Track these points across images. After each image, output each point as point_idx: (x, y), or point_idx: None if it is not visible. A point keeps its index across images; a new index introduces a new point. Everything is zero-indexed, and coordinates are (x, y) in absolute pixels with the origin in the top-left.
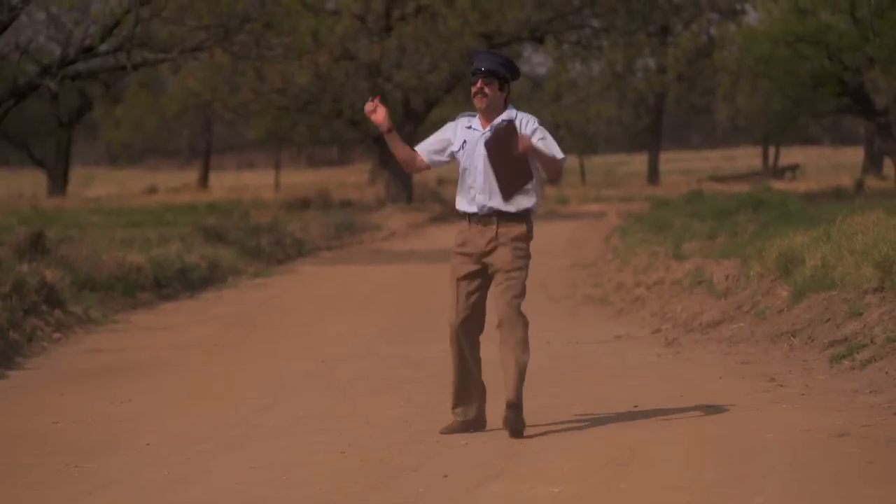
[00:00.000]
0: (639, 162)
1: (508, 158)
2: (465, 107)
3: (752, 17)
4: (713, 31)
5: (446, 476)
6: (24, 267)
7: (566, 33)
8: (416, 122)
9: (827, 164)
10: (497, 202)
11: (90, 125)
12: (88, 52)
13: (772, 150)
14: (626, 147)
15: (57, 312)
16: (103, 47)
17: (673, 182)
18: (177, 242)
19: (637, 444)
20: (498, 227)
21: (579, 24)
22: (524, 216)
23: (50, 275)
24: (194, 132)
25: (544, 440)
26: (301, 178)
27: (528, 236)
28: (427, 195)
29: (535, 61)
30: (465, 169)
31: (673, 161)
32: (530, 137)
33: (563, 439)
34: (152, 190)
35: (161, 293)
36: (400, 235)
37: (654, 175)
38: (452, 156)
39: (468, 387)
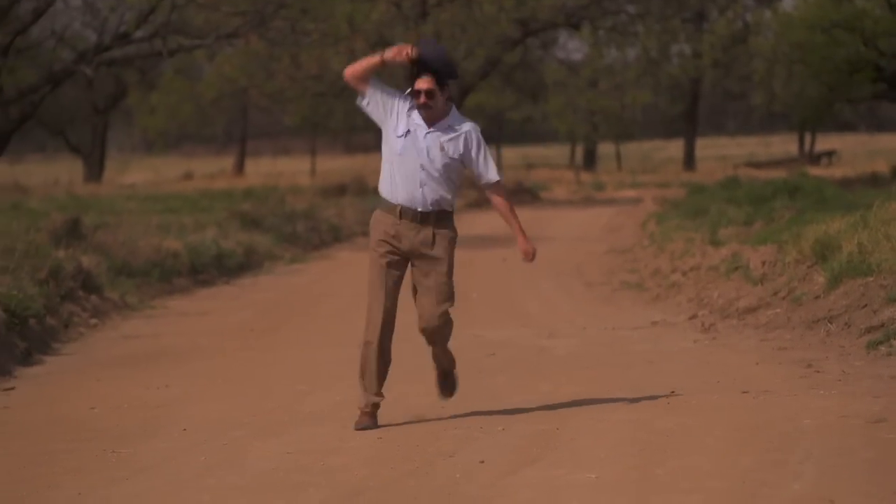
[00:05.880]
0: (675, 148)
1: None
2: (503, 94)
3: (787, 3)
4: (749, 16)
5: (483, 462)
6: (61, 253)
7: (602, 19)
8: None
9: (863, 150)
10: (437, 199)
11: (126, 112)
12: (124, 38)
13: (808, 137)
14: (662, 133)
15: (93, 298)
16: (139, 34)
17: (709, 168)
18: (213, 228)
19: (673, 430)
20: (435, 230)
21: (615, 10)
22: (452, 218)
23: (86, 261)
24: (230, 118)
25: (581, 426)
26: (337, 164)
27: (456, 239)
28: (462, 182)
29: (571, 47)
30: (402, 157)
31: (709, 147)
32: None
33: (600, 425)
34: (188, 176)
35: (197, 279)
36: None
37: (690, 161)
38: (383, 121)
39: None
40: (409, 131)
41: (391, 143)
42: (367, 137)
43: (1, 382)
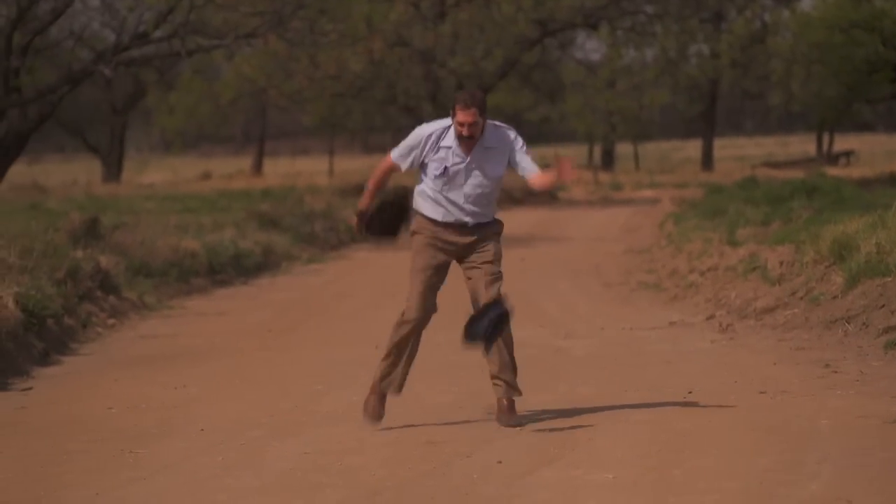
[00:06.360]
0: (693, 148)
1: None
2: (520, 94)
3: (806, 3)
4: (767, 16)
5: (500, 462)
6: (79, 253)
7: (620, 19)
8: None
9: (881, 150)
10: (480, 217)
11: (144, 112)
12: (142, 38)
13: (826, 137)
14: (680, 133)
15: (111, 298)
16: (157, 34)
17: (727, 168)
18: (231, 228)
19: (691, 431)
20: (478, 233)
21: (633, 11)
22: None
23: (104, 261)
24: (248, 118)
25: (598, 426)
26: (355, 164)
27: (501, 229)
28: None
29: (589, 47)
30: (445, 190)
31: (727, 147)
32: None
33: (617, 426)
34: (206, 176)
35: (215, 279)
36: None
37: (707, 161)
38: (419, 166)
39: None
40: (445, 168)
41: (431, 180)
42: (385, 137)
43: (19, 382)
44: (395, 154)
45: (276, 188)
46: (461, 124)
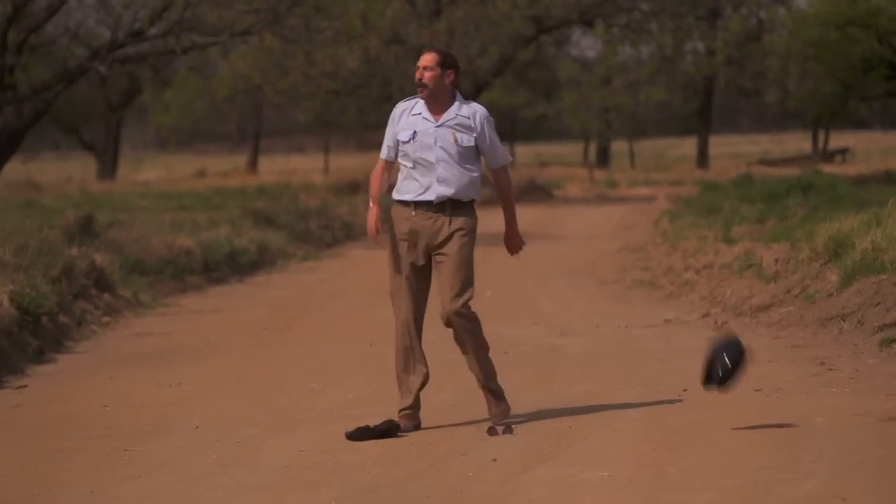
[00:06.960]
0: (688, 145)
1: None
2: (516, 92)
3: (801, 1)
4: (763, 14)
5: (495, 460)
6: (74, 250)
7: (616, 16)
8: None
9: (877, 147)
10: (453, 192)
11: (139, 109)
12: (138, 35)
13: (821, 134)
14: (676, 130)
15: (106, 296)
16: (152, 31)
17: (722, 166)
18: (226, 226)
19: (686, 429)
20: (451, 218)
21: (629, 8)
22: (471, 206)
23: (99, 258)
24: (244, 116)
25: (593, 424)
26: (350, 162)
27: (475, 226)
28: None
29: (585, 45)
30: (416, 161)
31: (722, 145)
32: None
33: (613, 423)
34: (201, 174)
35: (210, 277)
36: None
37: (703, 159)
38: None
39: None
40: (415, 132)
41: (403, 150)
42: (381, 135)
43: (13, 380)
44: (381, 154)
45: (271, 186)
46: (417, 68)
